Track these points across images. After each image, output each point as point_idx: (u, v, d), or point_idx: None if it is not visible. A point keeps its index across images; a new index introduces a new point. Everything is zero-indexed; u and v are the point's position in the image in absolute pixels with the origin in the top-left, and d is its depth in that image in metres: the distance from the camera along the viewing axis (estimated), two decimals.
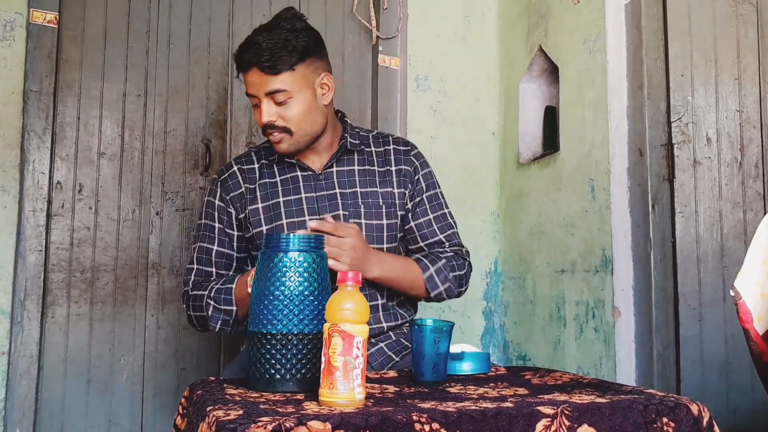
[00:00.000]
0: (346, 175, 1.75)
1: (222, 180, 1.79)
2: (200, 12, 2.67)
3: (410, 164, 1.79)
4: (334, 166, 1.76)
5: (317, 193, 1.73)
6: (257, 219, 1.73)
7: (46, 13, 2.40)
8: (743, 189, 2.08)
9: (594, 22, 2.34)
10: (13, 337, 2.29)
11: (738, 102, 2.11)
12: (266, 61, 1.61)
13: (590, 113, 2.34)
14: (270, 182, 1.75)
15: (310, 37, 1.67)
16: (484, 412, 1.00)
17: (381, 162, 1.79)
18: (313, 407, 1.03)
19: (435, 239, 1.78)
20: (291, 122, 1.65)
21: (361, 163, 1.78)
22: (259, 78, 1.63)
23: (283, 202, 1.72)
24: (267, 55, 1.60)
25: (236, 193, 1.76)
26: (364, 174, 1.76)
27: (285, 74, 1.62)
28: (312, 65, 1.67)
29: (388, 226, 1.74)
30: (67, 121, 2.46)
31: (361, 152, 1.79)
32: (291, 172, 1.76)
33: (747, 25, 2.11)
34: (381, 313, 1.71)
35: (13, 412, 2.27)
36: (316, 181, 1.74)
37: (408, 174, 1.78)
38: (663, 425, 1.07)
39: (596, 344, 2.27)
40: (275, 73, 1.62)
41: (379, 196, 1.75)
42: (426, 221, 1.78)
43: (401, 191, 1.77)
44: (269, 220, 1.72)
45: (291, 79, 1.63)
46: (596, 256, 2.29)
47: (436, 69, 2.90)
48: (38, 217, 2.35)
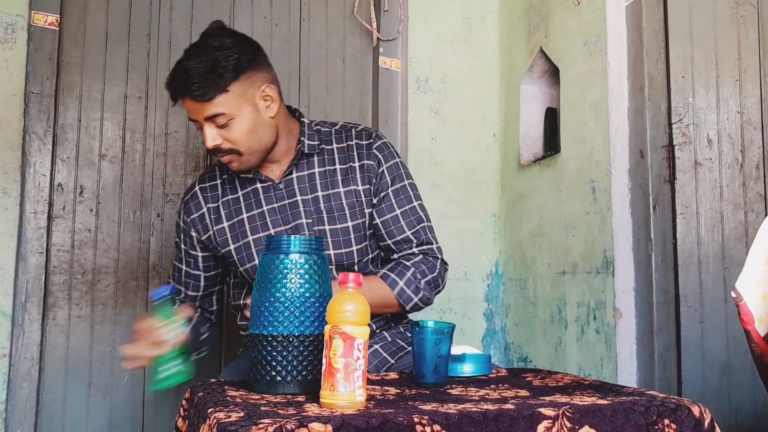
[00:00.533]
0: (306, 180, 1.70)
1: (185, 201, 1.78)
2: (201, 14, 2.67)
3: (373, 158, 1.71)
4: (294, 172, 1.70)
5: (278, 204, 1.69)
6: (224, 238, 1.71)
7: (48, 16, 2.40)
8: (744, 190, 2.08)
9: (595, 23, 2.34)
10: (14, 339, 2.29)
11: (739, 103, 2.11)
12: (196, 90, 1.53)
13: (591, 115, 2.34)
14: (232, 198, 1.73)
15: (243, 52, 1.58)
16: (485, 413, 1.00)
17: (343, 159, 1.72)
18: (314, 409, 1.03)
19: (402, 236, 1.70)
20: (237, 143, 1.60)
21: (321, 164, 1.71)
22: (194, 106, 1.57)
23: (247, 218, 1.70)
24: (197, 82, 1.53)
25: (197, 215, 1.75)
26: (325, 176, 1.70)
27: (219, 97, 1.55)
28: (249, 80, 1.59)
29: (355, 227, 1.68)
30: (68, 123, 2.46)
31: (321, 152, 1.72)
32: (251, 185, 1.72)
33: (748, 26, 2.11)
34: None
35: (14, 414, 2.27)
36: (275, 191, 1.70)
37: (371, 168, 1.70)
38: (664, 427, 1.07)
39: (597, 346, 2.27)
40: (209, 100, 1.54)
41: (342, 197, 1.69)
42: (393, 217, 1.70)
43: (366, 187, 1.70)
44: (236, 238, 1.70)
45: (227, 101, 1.56)
46: (597, 258, 2.28)
47: (436, 70, 2.90)
48: (39, 219, 2.35)
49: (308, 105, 2.77)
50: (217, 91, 1.54)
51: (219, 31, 1.60)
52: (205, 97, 1.54)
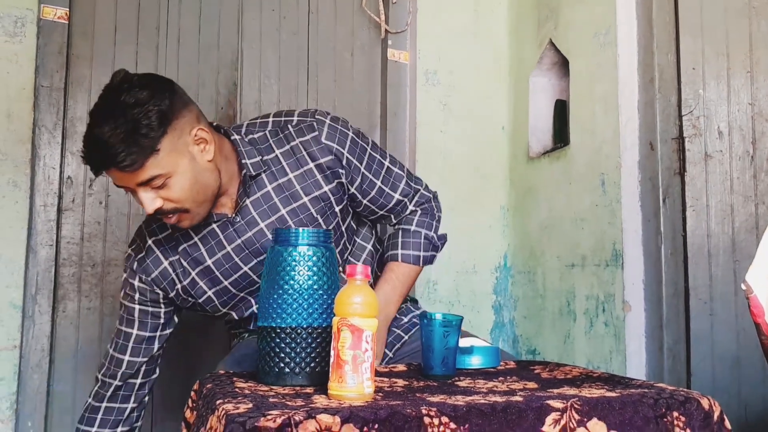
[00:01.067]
0: (263, 202, 1.52)
1: (139, 260, 1.57)
2: (210, 8, 2.67)
3: (327, 152, 1.52)
4: (246, 199, 1.51)
5: (242, 239, 1.52)
6: (198, 287, 1.56)
7: (57, 9, 2.40)
8: (755, 182, 2.07)
9: (604, 15, 2.33)
10: (25, 331, 2.30)
11: (750, 95, 2.09)
12: (123, 160, 1.32)
13: (601, 107, 2.33)
14: (190, 246, 1.54)
15: (161, 100, 1.36)
16: (494, 405, 1.00)
17: (294, 165, 1.53)
18: (323, 401, 1.03)
19: (394, 202, 1.62)
20: (181, 201, 1.40)
21: (272, 178, 1.52)
22: (121, 175, 1.36)
23: (213, 264, 1.53)
24: (121, 152, 1.31)
25: (158, 272, 1.56)
26: (281, 190, 1.52)
27: (150, 160, 1.34)
28: (177, 130, 1.38)
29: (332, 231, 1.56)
30: (77, 116, 2.47)
31: (267, 166, 1.52)
32: (206, 227, 1.52)
33: (759, 17, 2.10)
34: None
35: (25, 406, 2.29)
36: (234, 226, 1.52)
37: (331, 163, 1.53)
38: (673, 419, 1.06)
39: (606, 338, 2.26)
40: (139, 167, 1.34)
41: (309, 207, 1.53)
42: (378, 190, 1.59)
43: (332, 187, 1.54)
44: (210, 283, 1.55)
45: (159, 161, 1.36)
46: (606, 251, 2.28)
47: (445, 63, 2.89)
48: (49, 211, 2.37)
49: (316, 98, 2.77)
50: (146, 154, 1.34)
51: (127, 84, 1.37)
52: (134, 166, 1.33)
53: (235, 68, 2.68)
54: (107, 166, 1.34)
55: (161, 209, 1.40)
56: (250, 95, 2.68)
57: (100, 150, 1.33)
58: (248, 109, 2.68)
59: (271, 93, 2.72)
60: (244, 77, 2.69)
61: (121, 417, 1.67)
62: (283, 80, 2.73)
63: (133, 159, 1.32)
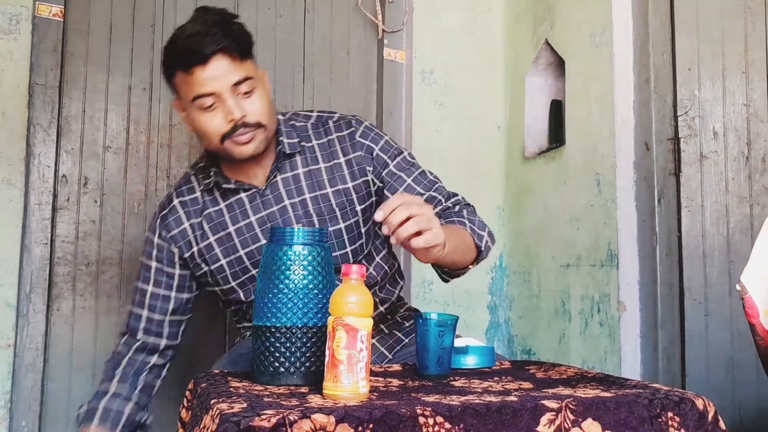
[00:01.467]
0: (292, 182, 1.57)
1: (162, 216, 1.62)
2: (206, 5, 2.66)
3: (360, 148, 1.59)
4: (278, 175, 1.57)
5: (266, 211, 1.57)
6: (213, 254, 1.58)
7: (52, 6, 2.40)
8: (750, 183, 2.07)
9: (600, 15, 2.33)
10: (19, 330, 2.29)
11: (745, 96, 2.10)
12: (233, 47, 1.42)
13: (596, 107, 2.33)
14: (215, 212, 1.59)
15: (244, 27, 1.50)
16: (489, 405, 1.00)
17: (326, 156, 1.59)
18: (317, 400, 1.03)
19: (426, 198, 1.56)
20: (261, 115, 1.47)
21: (305, 163, 1.59)
22: (225, 67, 1.42)
23: (235, 231, 1.57)
24: (232, 38, 1.42)
25: (177, 231, 1.60)
26: (310, 176, 1.58)
27: (249, 60, 1.47)
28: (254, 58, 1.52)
29: (347, 227, 1.58)
30: (72, 115, 2.46)
31: (303, 151, 1.59)
32: (234, 195, 1.58)
33: (755, 18, 2.10)
34: None
35: (19, 405, 2.28)
36: (262, 198, 1.57)
37: (362, 159, 1.59)
38: (668, 420, 1.06)
39: (601, 339, 2.27)
40: (244, 58, 1.45)
41: (330, 198, 1.57)
42: (407, 187, 1.58)
43: (357, 183, 1.59)
44: (225, 252, 1.58)
45: (252, 68, 1.48)
46: (602, 251, 2.28)
47: (441, 63, 2.89)
48: (44, 210, 2.36)
49: (312, 97, 2.76)
50: (248, 51, 1.46)
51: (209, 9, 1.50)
52: (242, 53, 1.44)
53: None
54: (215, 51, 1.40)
55: (244, 120, 1.45)
56: None
57: (206, 37, 1.40)
58: None
59: None
60: None
61: (141, 373, 1.66)
62: (279, 79, 2.73)
63: (240, 45, 1.43)
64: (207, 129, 1.48)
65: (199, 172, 1.65)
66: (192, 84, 1.45)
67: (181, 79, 1.47)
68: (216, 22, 1.44)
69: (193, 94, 1.45)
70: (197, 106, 1.46)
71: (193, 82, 1.44)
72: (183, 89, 1.49)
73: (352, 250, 1.60)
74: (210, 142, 1.51)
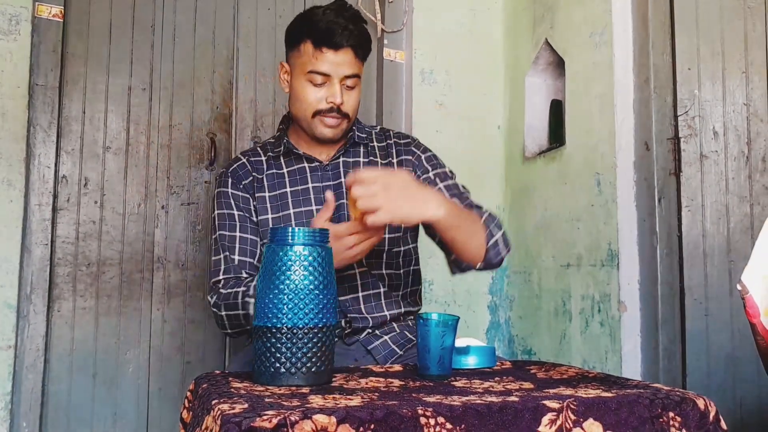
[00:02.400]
0: (351, 166, 1.75)
1: (232, 171, 1.76)
2: (205, 6, 2.66)
3: (411, 154, 1.80)
4: (341, 157, 1.76)
5: (324, 183, 1.73)
6: (263, 207, 1.71)
7: (52, 7, 2.40)
8: (750, 183, 2.07)
9: (600, 15, 2.33)
10: (20, 331, 2.29)
11: (745, 95, 2.10)
12: (361, 48, 1.66)
13: (596, 107, 2.33)
14: (277, 173, 1.74)
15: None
16: (490, 406, 1.00)
17: (383, 155, 1.79)
18: (318, 401, 1.03)
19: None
20: (351, 109, 1.69)
21: (366, 155, 1.78)
22: (348, 60, 1.65)
23: (291, 192, 1.72)
24: (364, 40, 1.67)
25: (247, 181, 1.74)
26: (368, 166, 1.76)
27: (362, 63, 1.70)
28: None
29: None
30: (72, 115, 2.46)
31: (366, 146, 1.79)
32: (298, 163, 1.75)
33: (755, 18, 2.10)
34: (383, 301, 1.70)
35: (20, 406, 2.28)
36: (323, 171, 1.74)
37: (410, 163, 1.78)
38: (669, 420, 1.06)
39: (602, 338, 2.27)
40: (362, 60, 1.69)
41: None
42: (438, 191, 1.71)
43: None
44: (276, 209, 1.71)
45: (362, 68, 1.71)
46: (602, 251, 2.28)
47: (441, 62, 2.89)
48: (44, 211, 2.36)
49: None
50: (367, 55, 1.71)
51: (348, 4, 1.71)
52: (363, 56, 1.69)
53: (230, 66, 2.68)
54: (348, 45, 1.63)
55: (340, 107, 1.66)
56: (245, 94, 2.68)
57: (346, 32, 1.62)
58: (243, 107, 2.68)
59: (267, 91, 2.72)
60: (240, 75, 2.68)
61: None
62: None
63: (365, 52, 1.69)
64: (307, 99, 1.67)
65: (266, 145, 1.80)
66: (316, 59, 1.64)
67: (308, 50, 1.65)
68: (355, 20, 1.66)
69: (312, 68, 1.64)
70: (308, 78, 1.66)
71: (318, 58, 1.64)
72: (304, 58, 1.66)
73: (389, 238, 1.71)
74: (302, 111, 1.69)
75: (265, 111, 2.71)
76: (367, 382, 1.24)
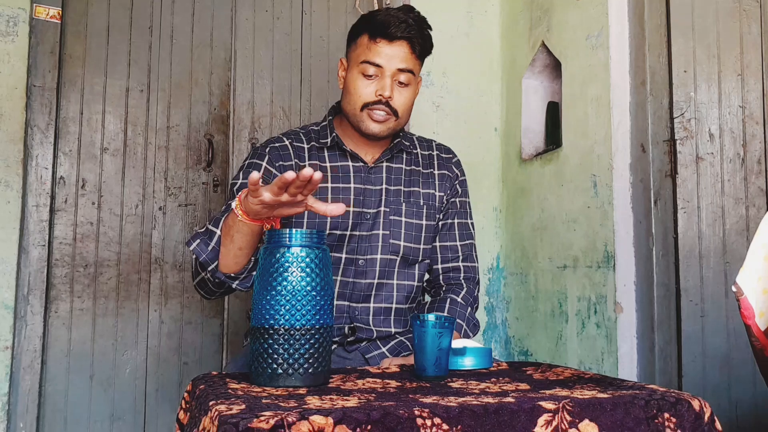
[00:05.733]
0: (393, 172, 1.73)
1: (272, 147, 1.68)
2: (203, 7, 2.67)
3: (452, 171, 1.82)
4: (385, 161, 1.73)
5: (365, 186, 1.69)
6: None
7: (49, 9, 2.40)
8: (746, 185, 2.08)
9: (597, 17, 2.34)
10: (17, 332, 2.29)
11: (741, 98, 2.11)
12: (418, 43, 1.63)
13: (593, 109, 2.34)
14: (320, 165, 1.69)
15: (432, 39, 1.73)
16: (486, 407, 1.01)
17: (426, 164, 1.79)
18: (316, 402, 1.04)
19: (454, 265, 1.77)
20: (401, 107, 1.65)
21: (408, 162, 1.77)
22: (402, 53, 1.62)
23: (331, 188, 1.67)
24: (421, 37, 1.64)
25: (286, 163, 1.66)
26: (410, 174, 1.75)
27: (419, 60, 1.67)
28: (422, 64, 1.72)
29: (427, 227, 1.73)
30: (70, 117, 2.46)
31: (410, 153, 1.78)
32: (342, 160, 1.71)
33: (750, 20, 2.11)
34: (393, 317, 1.68)
35: (17, 406, 2.28)
36: (366, 174, 1.71)
37: (449, 179, 1.80)
38: (664, 421, 1.07)
39: (598, 340, 2.27)
40: (418, 56, 1.66)
41: (421, 197, 1.74)
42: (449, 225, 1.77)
43: (441, 194, 1.78)
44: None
45: (418, 67, 1.68)
46: (598, 252, 2.29)
47: (438, 65, 2.89)
48: (41, 212, 2.36)
49: (310, 98, 2.77)
50: (424, 54, 1.68)
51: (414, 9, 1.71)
52: (419, 52, 1.65)
53: (228, 68, 2.68)
54: (405, 38, 1.62)
55: (389, 100, 1.62)
56: (243, 95, 2.68)
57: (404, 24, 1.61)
58: (241, 109, 2.68)
59: (265, 93, 2.72)
60: (238, 77, 2.69)
61: None
62: (277, 80, 2.73)
63: (423, 48, 1.66)
64: (357, 91, 1.64)
65: (310, 132, 1.75)
66: (369, 50, 1.63)
67: (363, 42, 1.64)
68: (417, 19, 1.66)
69: (365, 58, 1.63)
70: (361, 69, 1.63)
71: (371, 48, 1.62)
72: (359, 50, 1.65)
73: (424, 249, 1.73)
74: (352, 103, 1.66)
75: (263, 112, 2.71)
76: (364, 383, 1.24)
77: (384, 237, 1.67)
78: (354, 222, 1.66)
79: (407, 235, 1.69)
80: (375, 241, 1.67)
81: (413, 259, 1.71)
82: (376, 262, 1.66)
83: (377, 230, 1.67)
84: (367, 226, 1.67)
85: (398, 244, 1.68)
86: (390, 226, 1.68)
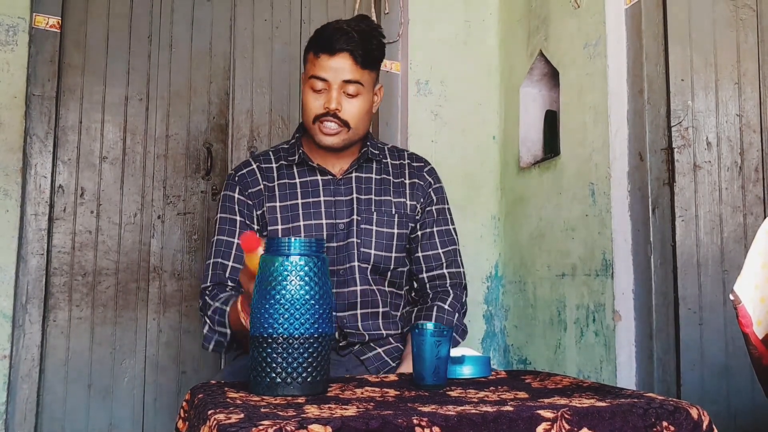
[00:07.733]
0: (363, 182, 1.76)
1: (240, 175, 1.76)
2: (202, 17, 2.67)
3: (423, 179, 1.82)
4: (354, 172, 1.76)
5: (335, 198, 1.73)
6: (274, 217, 1.71)
7: (49, 18, 2.41)
8: (743, 193, 2.09)
9: (594, 26, 2.35)
10: (15, 341, 2.29)
11: (738, 106, 2.11)
12: (360, 53, 1.65)
13: (591, 117, 2.35)
14: (289, 183, 1.74)
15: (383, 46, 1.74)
16: (485, 415, 1.01)
17: (396, 173, 1.80)
18: (314, 411, 1.04)
19: (438, 272, 1.78)
20: (352, 118, 1.68)
21: (378, 172, 1.79)
22: (345, 65, 1.65)
23: (302, 204, 1.72)
24: (362, 46, 1.65)
25: (254, 189, 1.73)
26: (380, 183, 1.77)
27: (366, 70, 1.68)
28: (377, 72, 1.74)
29: (399, 235, 1.74)
30: (69, 125, 2.47)
31: (379, 162, 1.80)
32: (311, 175, 1.75)
33: (747, 29, 2.12)
34: (381, 320, 1.71)
35: (15, 416, 2.28)
36: (335, 186, 1.74)
37: (421, 188, 1.80)
38: (663, 429, 1.07)
39: (596, 348, 2.27)
40: (362, 66, 1.67)
41: (392, 205, 1.76)
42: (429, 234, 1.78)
43: (413, 203, 1.78)
44: (286, 220, 1.71)
45: (367, 77, 1.69)
46: (596, 260, 2.29)
47: (436, 73, 2.90)
48: (40, 220, 2.36)
49: None
50: (373, 64, 1.69)
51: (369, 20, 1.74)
52: (363, 62, 1.66)
53: (227, 77, 2.69)
54: (344, 50, 1.64)
55: (337, 113, 1.66)
56: (242, 104, 2.69)
57: (346, 36, 1.64)
58: (240, 118, 2.69)
59: (264, 102, 2.73)
60: (237, 86, 2.69)
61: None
62: (276, 90, 2.74)
63: (366, 57, 1.66)
64: (307, 105, 1.69)
65: (279, 151, 1.80)
66: (314, 65, 1.68)
67: (310, 58, 1.70)
68: (361, 30, 1.67)
69: (312, 73, 1.68)
70: (310, 84, 1.69)
71: (315, 63, 1.67)
72: (307, 66, 1.71)
73: (396, 257, 1.74)
74: (306, 118, 1.72)
75: (262, 121, 2.71)
76: (363, 391, 1.24)
77: (358, 245, 1.69)
78: (329, 234, 1.70)
79: (378, 243, 1.71)
80: (351, 249, 1.69)
81: (384, 268, 1.72)
82: (355, 270, 1.69)
83: (352, 238, 1.70)
84: (342, 236, 1.70)
85: (369, 252, 1.70)
86: (361, 234, 1.70)
